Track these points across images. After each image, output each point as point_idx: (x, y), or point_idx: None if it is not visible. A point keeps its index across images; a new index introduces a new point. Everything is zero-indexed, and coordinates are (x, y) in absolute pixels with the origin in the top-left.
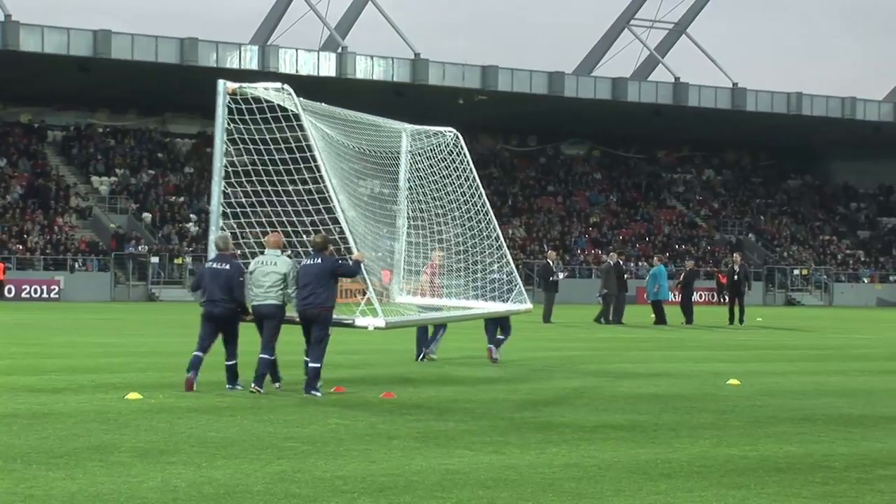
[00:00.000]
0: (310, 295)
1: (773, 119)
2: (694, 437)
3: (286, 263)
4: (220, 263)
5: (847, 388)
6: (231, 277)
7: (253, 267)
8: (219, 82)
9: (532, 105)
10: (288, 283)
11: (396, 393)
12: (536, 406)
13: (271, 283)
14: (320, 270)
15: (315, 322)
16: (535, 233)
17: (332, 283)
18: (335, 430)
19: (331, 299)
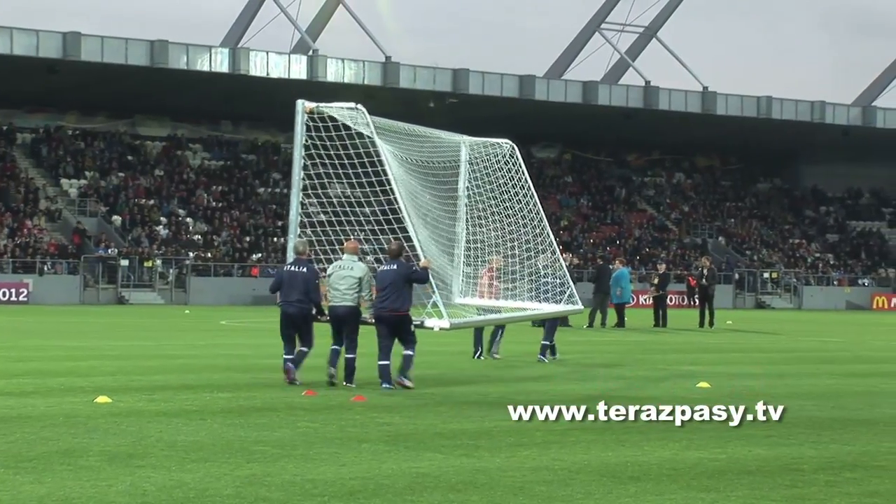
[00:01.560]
0: (386, 299)
1: (743, 123)
2: (664, 440)
3: (362, 269)
4: (297, 267)
5: (816, 390)
6: (308, 280)
7: (331, 271)
8: (298, 102)
9: (503, 108)
10: (363, 286)
11: (367, 396)
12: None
13: (347, 286)
14: (396, 276)
15: (393, 324)
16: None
17: (408, 287)
18: (305, 433)
19: (406, 303)
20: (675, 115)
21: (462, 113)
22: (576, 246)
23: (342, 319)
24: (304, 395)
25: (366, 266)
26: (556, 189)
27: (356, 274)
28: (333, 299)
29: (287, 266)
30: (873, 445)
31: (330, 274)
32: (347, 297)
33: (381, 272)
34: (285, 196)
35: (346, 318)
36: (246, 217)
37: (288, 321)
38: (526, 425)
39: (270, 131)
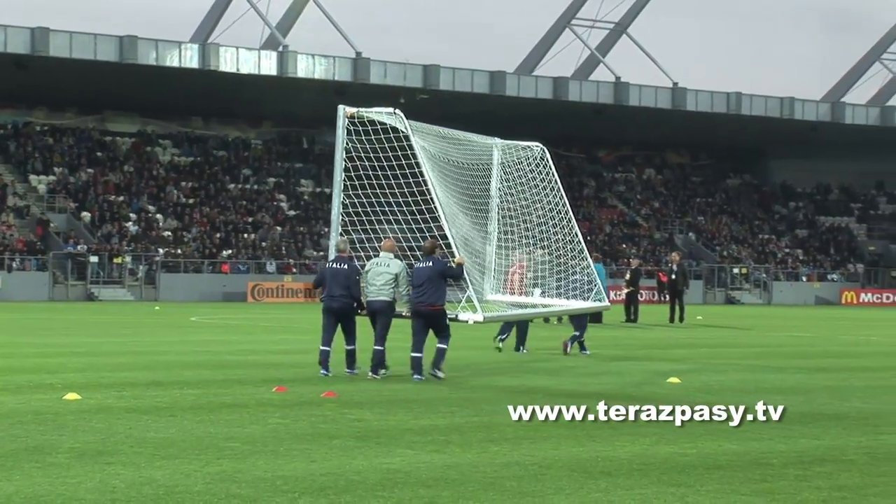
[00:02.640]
0: (422, 294)
1: (713, 119)
2: (634, 434)
3: (398, 265)
4: (339, 264)
5: (785, 385)
6: (349, 276)
7: (368, 267)
8: (339, 108)
9: (474, 104)
10: (399, 282)
11: (338, 392)
12: (478, 404)
13: (384, 281)
14: (431, 272)
15: (429, 318)
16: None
17: (442, 283)
18: (276, 429)
19: (441, 298)
20: (645, 111)
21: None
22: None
23: (378, 312)
24: (275, 391)
25: (402, 263)
26: None
27: (392, 270)
28: (370, 294)
29: (329, 263)
30: (842, 440)
31: (367, 270)
32: (383, 292)
33: (417, 269)
34: (256, 192)
35: (382, 312)
36: (216, 213)
37: (331, 315)
38: (496, 420)
39: (241, 127)
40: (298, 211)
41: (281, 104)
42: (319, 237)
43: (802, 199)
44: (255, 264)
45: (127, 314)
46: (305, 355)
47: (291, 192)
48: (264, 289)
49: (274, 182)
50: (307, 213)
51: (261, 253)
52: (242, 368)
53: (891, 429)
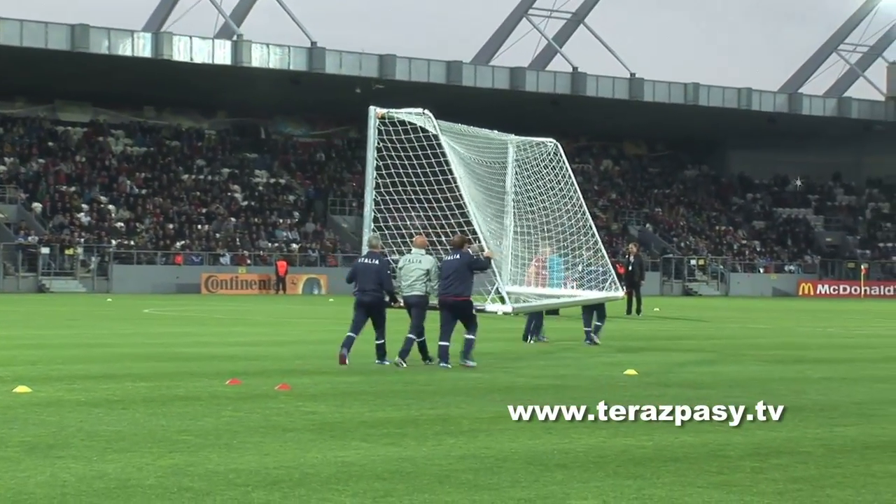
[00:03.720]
0: (450, 286)
1: (671, 109)
2: (591, 427)
3: (430, 261)
4: (370, 259)
5: (742, 377)
6: (380, 271)
7: (402, 263)
8: (370, 108)
9: (430, 94)
10: (431, 276)
11: (292, 385)
12: (433, 397)
13: (416, 276)
14: (459, 265)
15: (455, 309)
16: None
17: (469, 275)
18: (229, 422)
19: (466, 289)
20: (602, 102)
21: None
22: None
23: (413, 306)
24: (228, 384)
25: (434, 258)
26: None
27: (424, 266)
28: (404, 289)
29: (361, 259)
30: (799, 431)
31: (401, 266)
32: (416, 286)
33: (446, 262)
34: (209, 183)
35: (417, 305)
36: (169, 204)
37: (362, 309)
38: (451, 413)
39: (194, 117)
40: (253, 202)
41: (235, 94)
42: (274, 228)
43: (760, 191)
44: (209, 256)
45: (79, 306)
46: (259, 348)
47: (246, 183)
48: (218, 280)
49: (228, 172)
50: (261, 203)
51: (215, 244)
52: (196, 361)
53: (847, 421)
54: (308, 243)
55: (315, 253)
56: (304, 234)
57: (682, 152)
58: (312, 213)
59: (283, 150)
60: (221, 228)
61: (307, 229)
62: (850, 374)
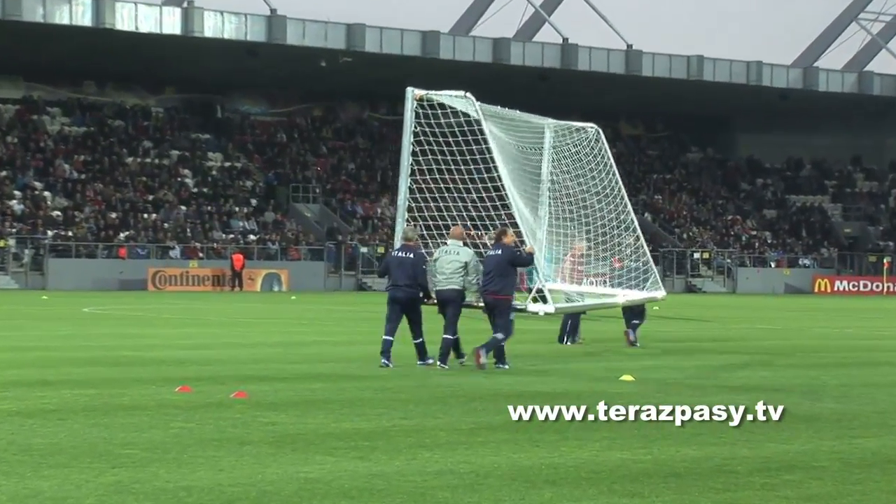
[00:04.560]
0: (490, 282)
1: (672, 85)
2: (582, 439)
3: (467, 253)
4: (404, 252)
5: (750, 383)
6: (415, 265)
7: (437, 256)
8: (407, 90)
9: (403, 68)
10: (468, 271)
11: (249, 392)
12: (407, 406)
13: (453, 270)
14: (501, 260)
15: (492, 307)
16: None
17: (511, 272)
18: (179, 434)
19: (508, 287)
20: (595, 77)
21: (357, 74)
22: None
23: (447, 302)
24: (178, 391)
25: (471, 251)
26: None
27: (462, 258)
28: (439, 283)
29: (395, 252)
30: (813, 444)
31: (436, 259)
32: (453, 280)
33: (487, 256)
34: (157, 166)
35: (452, 301)
36: (112, 191)
37: (396, 305)
38: (427, 423)
39: (140, 93)
40: (205, 188)
41: (186, 67)
42: (229, 217)
43: (771, 176)
44: (157, 248)
45: (11, 304)
46: (213, 351)
47: (198, 167)
48: (167, 276)
49: (178, 155)
50: (215, 190)
51: (163, 235)
52: (142, 366)
53: (867, 432)
54: (267, 234)
55: (275, 245)
56: (263, 225)
57: (684, 133)
58: (272, 201)
59: (240, 131)
60: (170, 218)
61: (266, 219)
62: (870, 379)
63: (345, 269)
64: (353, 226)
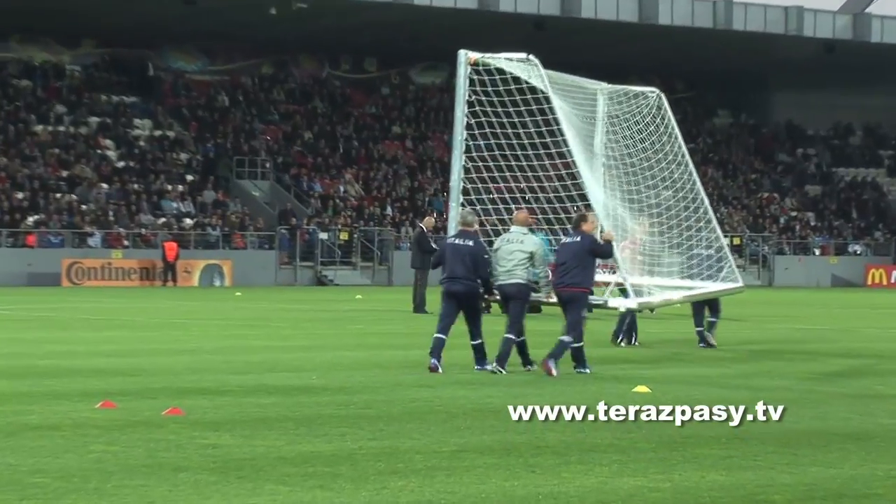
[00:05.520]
0: (565, 274)
1: (694, 36)
2: (588, 463)
3: (533, 242)
4: (462, 240)
5: (790, 395)
6: (475, 254)
7: (498, 245)
8: (460, 53)
9: (370, 16)
10: (535, 262)
11: (185, 408)
12: (376, 424)
13: (517, 261)
14: (579, 248)
15: (569, 304)
16: (377, 189)
17: (591, 262)
18: (100, 459)
19: (587, 280)
20: (602, 26)
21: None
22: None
23: (511, 297)
24: (100, 407)
25: (538, 239)
26: (443, 127)
27: (527, 248)
28: (501, 276)
29: (450, 239)
30: (866, 467)
31: (497, 248)
32: (516, 273)
33: (563, 245)
34: (72, 136)
35: (516, 296)
36: (18, 166)
37: (452, 300)
38: (400, 445)
39: (51, 48)
40: (132, 162)
41: (107, 16)
42: (160, 197)
43: (815, 145)
44: (73, 235)
45: None
46: (141, 359)
47: (122, 137)
48: (85, 268)
49: (98, 123)
50: (143, 164)
51: (80, 220)
52: (55, 377)
53: None
54: (207, 218)
55: (216, 231)
56: (202, 206)
57: (709, 93)
58: (212, 178)
59: (173, 92)
60: (89, 198)
61: (205, 199)
62: None
63: (300, 260)
64: (311, 207)
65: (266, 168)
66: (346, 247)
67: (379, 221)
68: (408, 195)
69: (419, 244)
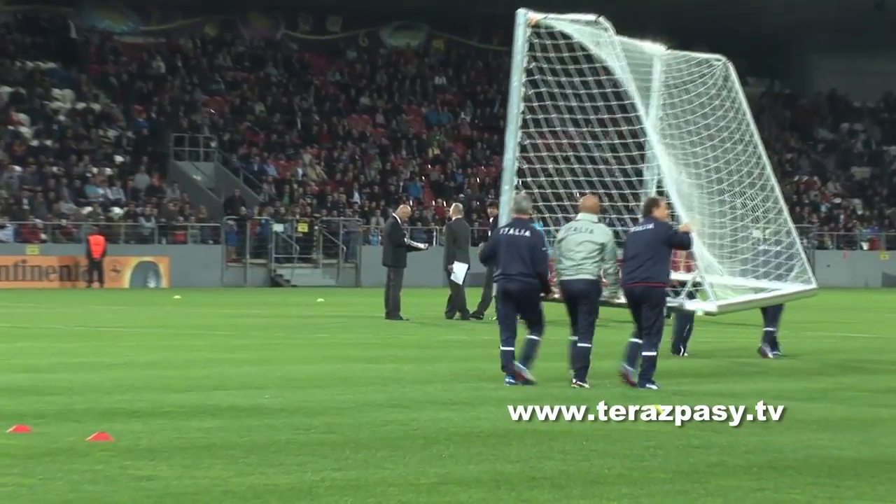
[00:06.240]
0: (637, 268)
1: None
2: (594, 497)
3: (604, 232)
4: (518, 230)
5: (833, 416)
6: (533, 246)
7: (563, 235)
8: (518, 12)
9: None
10: (605, 255)
11: (115, 433)
12: (342, 451)
13: (585, 254)
14: (652, 238)
15: (644, 302)
16: (341, 172)
17: (665, 254)
18: (13, 495)
19: (662, 274)
20: None
21: None
22: (453, 189)
23: (578, 297)
24: (12, 432)
25: (609, 229)
26: (419, 97)
27: (597, 238)
28: (566, 272)
29: (504, 229)
30: None
31: (561, 239)
32: (585, 267)
33: (633, 234)
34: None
35: (584, 296)
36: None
37: (509, 301)
38: (371, 477)
39: None
40: (49, 140)
41: None
42: (84, 182)
43: (862, 118)
44: None
45: None
46: (61, 374)
47: (38, 110)
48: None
49: (9, 93)
50: (63, 143)
51: None
52: None
53: None
54: (139, 207)
55: (150, 222)
56: (134, 193)
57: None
58: (146, 159)
59: (99, 58)
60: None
61: (138, 184)
62: None
63: (251, 257)
64: (264, 194)
65: (210, 147)
66: (306, 241)
67: (344, 211)
68: (379, 179)
69: (391, 237)
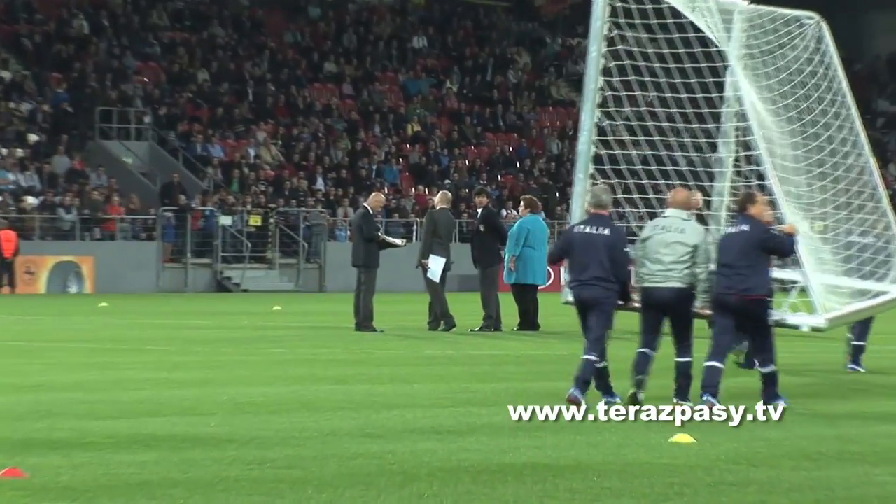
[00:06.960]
0: (731, 275)
1: None
2: None
3: (696, 231)
4: (595, 227)
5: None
6: (612, 246)
7: (648, 233)
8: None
9: None
10: (698, 259)
11: (30, 469)
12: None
13: (676, 257)
14: (745, 242)
15: (741, 314)
16: (301, 153)
17: (763, 260)
18: None
19: (761, 283)
20: None
21: None
22: (436, 174)
23: (666, 307)
24: None
25: (702, 228)
26: (396, 62)
27: (689, 239)
28: (652, 277)
29: (578, 226)
30: None
31: (646, 238)
32: (674, 273)
33: (726, 237)
34: None
35: (673, 306)
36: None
37: (584, 308)
38: None
39: None
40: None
41: None
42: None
43: None
44: None
45: None
46: None
47: None
48: None
49: None
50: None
51: None
52: None
53: None
54: (58, 196)
55: (71, 214)
56: (51, 179)
57: None
58: (66, 138)
59: (10, 16)
60: None
61: (56, 168)
62: None
63: (193, 256)
64: (208, 180)
65: (143, 124)
66: (259, 237)
67: (306, 200)
68: (347, 162)
69: (362, 232)
